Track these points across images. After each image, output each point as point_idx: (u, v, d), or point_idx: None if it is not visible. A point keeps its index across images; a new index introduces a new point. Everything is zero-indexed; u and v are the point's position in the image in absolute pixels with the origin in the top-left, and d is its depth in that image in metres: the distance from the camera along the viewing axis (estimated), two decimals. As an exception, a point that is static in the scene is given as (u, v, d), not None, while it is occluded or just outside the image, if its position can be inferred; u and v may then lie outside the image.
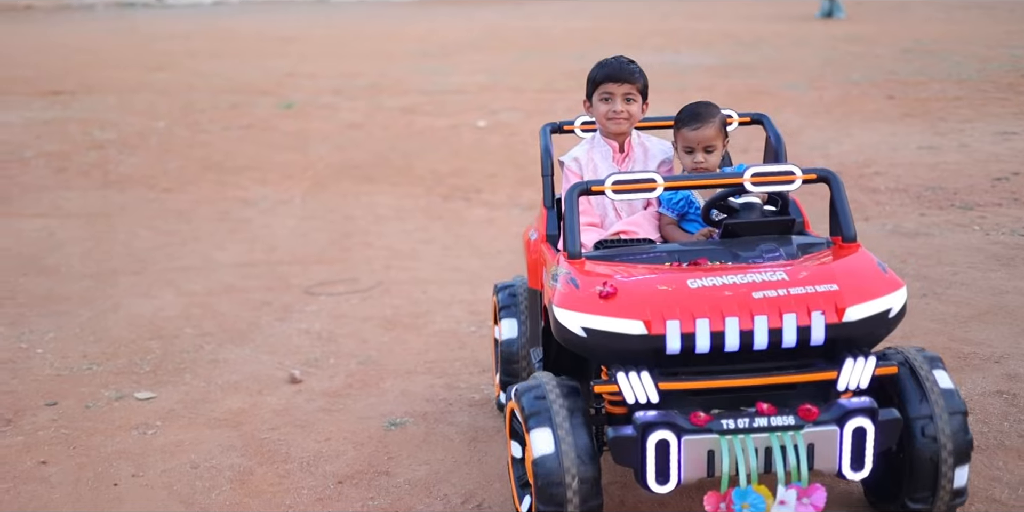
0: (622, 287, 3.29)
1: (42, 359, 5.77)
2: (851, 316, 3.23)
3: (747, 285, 3.27)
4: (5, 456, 4.62)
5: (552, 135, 4.55)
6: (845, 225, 3.68)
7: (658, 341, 3.19)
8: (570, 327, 3.31)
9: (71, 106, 14.76)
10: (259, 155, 11.27)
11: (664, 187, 3.64)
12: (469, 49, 20.27)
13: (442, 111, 13.39)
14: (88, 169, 10.86)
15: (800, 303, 3.22)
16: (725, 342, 3.19)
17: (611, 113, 4.24)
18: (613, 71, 4.26)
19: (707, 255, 3.61)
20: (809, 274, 3.32)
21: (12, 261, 7.70)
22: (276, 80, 16.84)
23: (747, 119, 4.70)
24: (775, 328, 3.19)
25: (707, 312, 3.19)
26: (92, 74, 18.09)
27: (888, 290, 3.34)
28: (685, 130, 4.13)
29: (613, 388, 3.25)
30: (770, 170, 3.63)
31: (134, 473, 4.44)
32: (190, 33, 26.36)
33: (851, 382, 3.26)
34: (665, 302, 3.22)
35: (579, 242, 3.62)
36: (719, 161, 4.17)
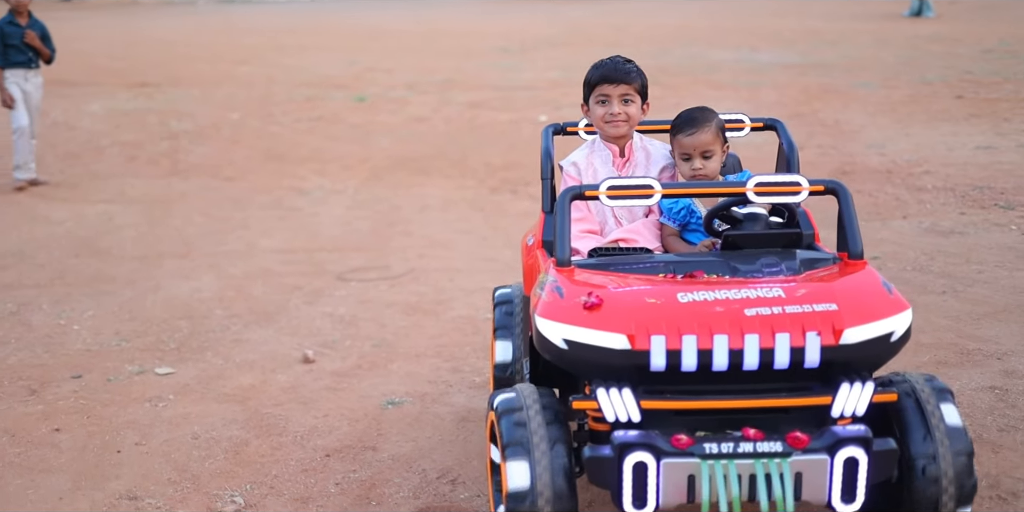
0: (608, 298, 3.14)
1: (76, 335, 6.06)
2: (849, 338, 3.04)
3: (740, 301, 3.10)
4: (23, 423, 4.90)
5: (556, 137, 4.44)
6: (852, 241, 3.48)
7: (642, 357, 3.02)
8: (551, 338, 3.17)
9: (155, 98, 15.22)
10: (322, 146, 11.56)
11: (662, 194, 3.48)
12: (548, 46, 20.41)
13: (508, 106, 13.56)
14: (158, 158, 11.24)
15: (795, 322, 3.04)
16: (713, 361, 3.02)
17: (608, 116, 4.06)
18: (608, 72, 4.07)
19: (704, 267, 3.46)
20: (807, 292, 3.15)
21: (68, 243, 8.05)
22: (355, 74, 17.16)
23: (760, 124, 4.48)
24: (767, 348, 3.02)
25: (695, 328, 3.02)
26: (181, 67, 18.60)
27: (891, 312, 3.15)
28: (680, 136, 3.98)
29: (593, 405, 3.09)
30: (775, 180, 3.43)
31: (138, 442, 4.68)
32: (283, 28, 26.89)
33: (846, 408, 3.08)
34: (651, 316, 3.06)
35: (569, 249, 3.47)
36: (719, 167, 4.02)
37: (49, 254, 7.74)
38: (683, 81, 14.96)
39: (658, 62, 17.10)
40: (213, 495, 4.20)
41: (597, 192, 3.47)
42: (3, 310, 6.49)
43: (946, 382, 4.85)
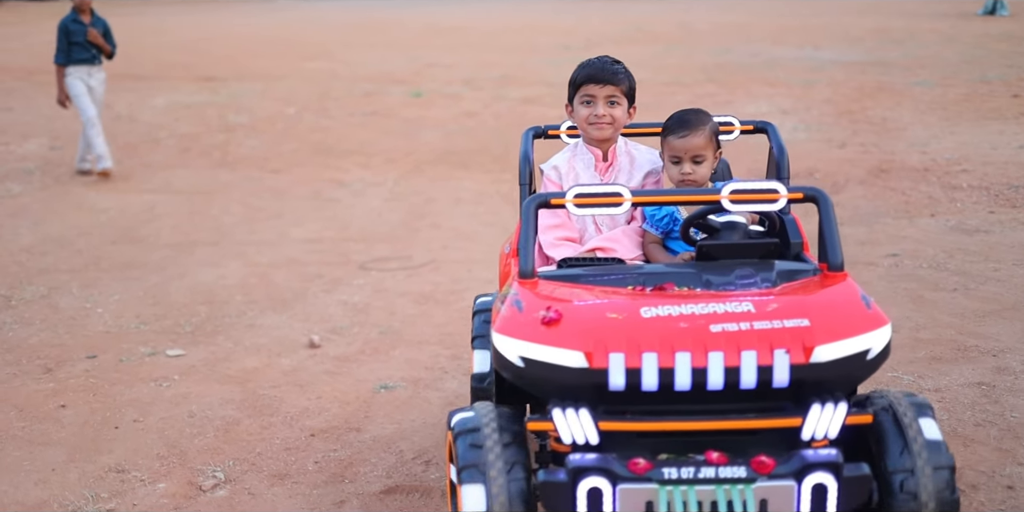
0: (567, 313, 3.00)
1: (99, 318, 6.29)
2: (820, 356, 2.88)
3: (706, 316, 2.94)
4: (33, 399, 5.12)
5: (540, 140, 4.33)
6: (832, 251, 3.27)
7: (600, 376, 2.86)
8: (508, 356, 3.02)
9: (218, 92, 15.54)
10: (371, 140, 11.75)
11: (631, 202, 3.30)
12: (612, 42, 20.44)
13: (560, 102, 13.56)
14: (210, 150, 11.51)
15: (763, 339, 2.88)
16: (675, 380, 2.86)
17: (593, 117, 3.94)
18: (595, 72, 3.95)
19: (674, 279, 3.30)
20: (779, 306, 2.99)
21: (109, 230, 8.32)
22: (416, 70, 17.36)
23: (750, 127, 4.33)
24: (732, 367, 2.85)
25: (655, 346, 2.87)
26: (248, 62, 18.94)
27: (868, 328, 2.98)
28: (672, 138, 3.83)
29: (549, 426, 2.96)
30: (751, 187, 3.26)
31: (136, 419, 4.88)
32: (355, 24, 27.22)
33: (817, 431, 2.91)
34: (610, 332, 2.91)
35: (532, 260, 3.31)
36: (708, 174, 3.87)
37: (88, 241, 8.01)
38: (739, 78, 14.93)
39: (717, 59, 17.09)
40: (196, 470, 4.37)
41: (563, 200, 3.30)
42: (35, 293, 6.75)
43: (935, 377, 4.94)
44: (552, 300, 3.12)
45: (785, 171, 4.04)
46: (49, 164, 10.95)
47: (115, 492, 4.20)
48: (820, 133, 11.13)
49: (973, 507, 3.86)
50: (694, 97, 13.58)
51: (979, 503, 3.89)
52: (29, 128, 12.91)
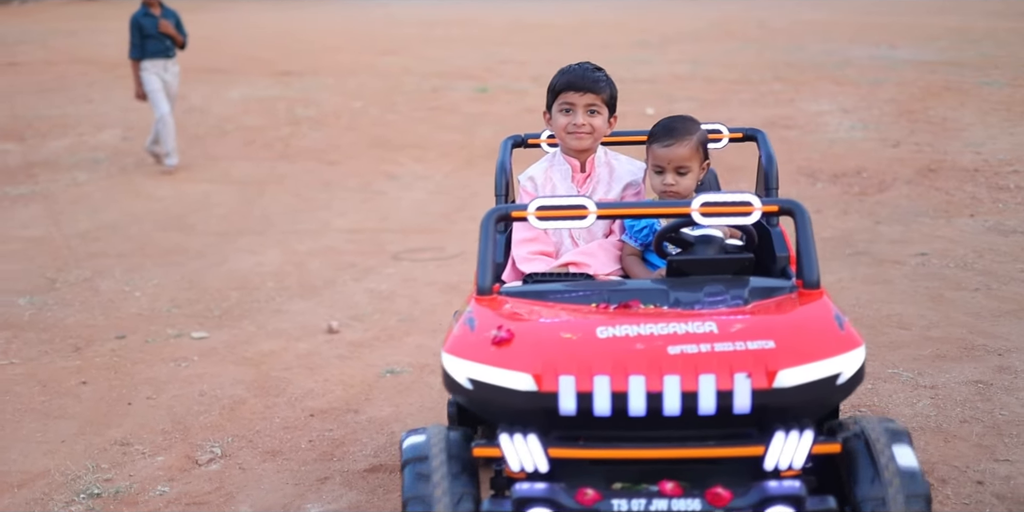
0: (519, 333, 2.85)
1: (135, 301, 6.54)
2: (784, 381, 2.69)
3: (665, 337, 2.78)
4: (57, 375, 5.37)
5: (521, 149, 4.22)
6: (808, 267, 3.10)
7: (549, 400, 2.71)
8: (456, 377, 2.86)
9: (291, 85, 15.86)
10: (429, 134, 11.93)
11: (597, 215, 3.15)
12: (688, 39, 20.42)
13: (622, 98, 13.60)
14: (274, 142, 11.79)
15: (723, 362, 2.70)
16: (629, 405, 2.70)
17: (571, 126, 3.80)
18: (575, 79, 3.80)
19: (640, 296, 3.16)
20: (744, 327, 2.82)
21: (159, 218, 8.61)
22: (488, 66, 17.52)
23: (739, 135, 4.22)
24: (689, 391, 2.68)
25: (608, 368, 2.71)
26: (326, 57, 19.27)
27: (838, 350, 2.78)
28: (656, 146, 3.70)
29: (496, 453, 2.80)
30: (723, 199, 3.10)
31: (149, 396, 5.10)
32: (438, 20, 27.47)
33: (781, 460, 2.73)
34: (561, 354, 2.75)
35: (490, 275, 3.15)
36: (693, 185, 3.73)
37: (139, 227, 8.30)
38: (808, 77, 14.85)
39: (790, 57, 16.99)
40: (196, 445, 4.57)
41: (525, 213, 3.15)
42: (80, 276, 7.03)
43: (934, 375, 4.96)
44: (508, 319, 2.95)
45: (773, 181, 3.92)
46: (118, 154, 11.32)
47: (115, 463, 4.41)
48: (877, 132, 11.06)
49: (938, 500, 3.89)
50: (757, 95, 13.56)
51: (944, 497, 3.92)
52: (105, 119, 13.33)
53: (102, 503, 4.07)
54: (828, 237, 7.47)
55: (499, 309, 3.06)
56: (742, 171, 8.79)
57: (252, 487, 4.18)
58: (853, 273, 6.63)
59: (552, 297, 3.21)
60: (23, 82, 16.69)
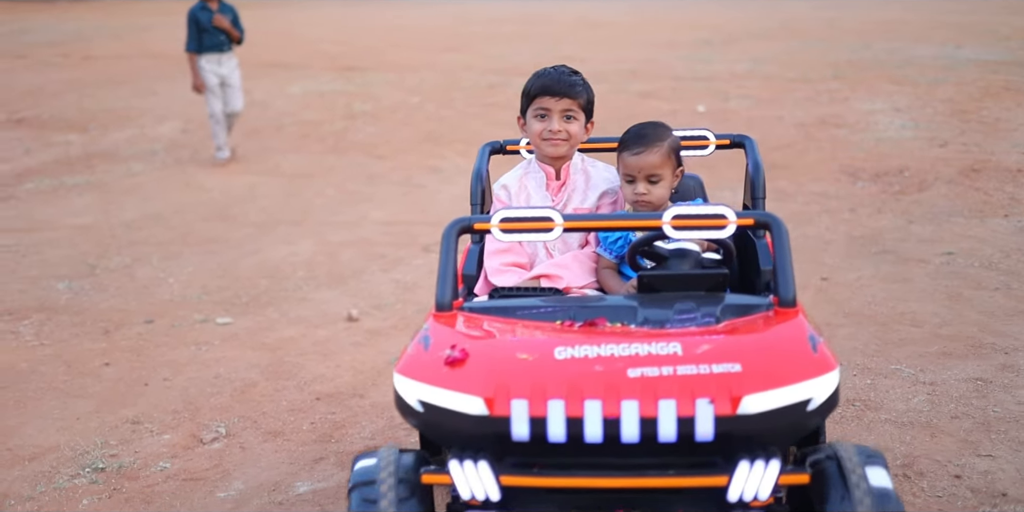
0: (473, 352, 2.72)
1: (168, 287, 6.75)
2: (749, 407, 2.54)
3: (625, 359, 2.63)
4: (83, 357, 5.59)
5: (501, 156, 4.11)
6: (784, 283, 2.95)
7: (502, 425, 2.57)
8: (407, 399, 2.73)
9: (352, 81, 16.08)
10: (480, 130, 12.06)
11: (564, 227, 3.03)
12: (752, 38, 20.33)
13: (676, 97, 13.73)
14: (327, 136, 12.00)
15: (684, 387, 2.55)
16: (585, 431, 2.55)
17: (547, 132, 3.67)
18: (550, 83, 3.67)
19: (608, 314, 3.00)
20: (710, 348, 2.67)
21: (204, 208, 8.84)
22: (547, 63, 17.52)
23: (727, 142, 4.09)
24: (648, 417, 2.53)
25: (563, 392, 2.56)
26: (391, 53, 19.49)
27: (809, 374, 2.63)
28: (625, 155, 3.59)
29: (445, 480, 2.66)
30: (696, 212, 2.97)
31: (166, 378, 5.29)
32: (507, 17, 27.59)
33: (746, 491, 2.57)
34: (514, 376, 2.61)
35: (450, 290, 3.03)
36: (666, 194, 3.62)
37: (183, 217, 8.54)
38: (868, 76, 14.74)
39: (852, 56, 16.86)
40: (203, 425, 4.75)
41: (488, 225, 3.04)
42: (119, 263, 7.27)
43: (936, 372, 5.01)
44: (464, 337, 2.82)
45: (760, 190, 3.82)
46: (174, 146, 11.60)
47: (124, 440, 4.60)
48: (926, 131, 10.97)
49: (911, 492, 3.94)
50: (813, 93, 13.50)
51: (919, 489, 3.97)
52: (167, 112, 13.65)
53: (105, 477, 4.26)
54: (857, 235, 7.49)
55: (457, 326, 2.92)
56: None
57: (249, 465, 4.34)
58: (875, 271, 6.64)
59: (516, 313, 3.05)
60: (94, 75, 17.12)
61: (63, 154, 11.29)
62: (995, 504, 3.84)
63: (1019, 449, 4.25)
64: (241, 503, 4.03)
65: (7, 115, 13.69)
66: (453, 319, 2.97)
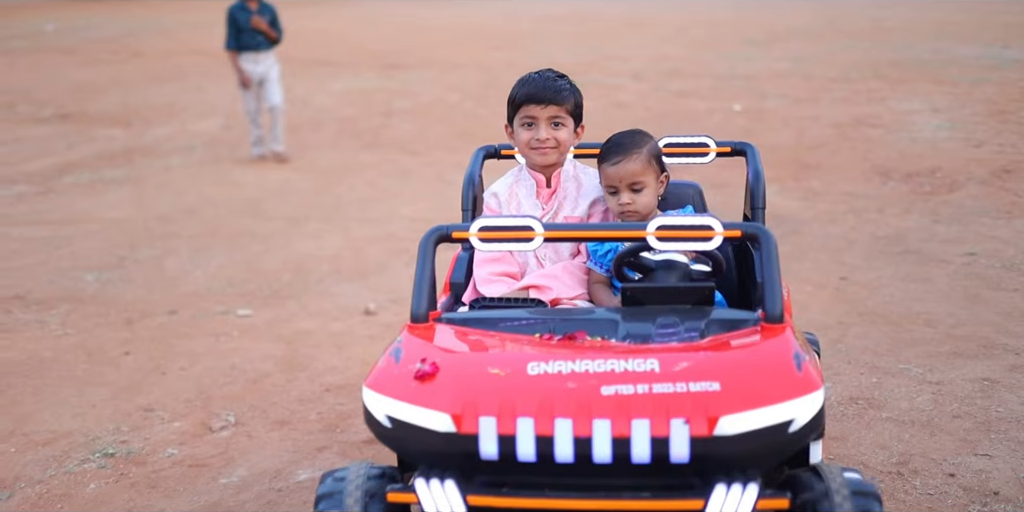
0: (444, 366, 2.64)
1: (195, 280, 6.88)
2: (726, 428, 2.44)
3: (600, 376, 2.54)
4: (104, 346, 5.72)
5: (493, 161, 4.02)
6: (770, 298, 2.82)
7: (469, 443, 2.49)
8: (375, 413, 2.64)
9: (394, 78, 16.22)
10: (515, 127, 12.11)
11: (544, 237, 2.93)
12: (797, 37, 20.24)
13: (714, 95, 13.73)
14: (363, 133, 12.13)
15: (659, 406, 2.46)
16: (555, 451, 2.47)
17: (534, 141, 3.55)
18: (535, 90, 3.52)
19: (588, 327, 2.92)
20: (689, 366, 2.56)
21: (237, 204, 8.98)
22: (589, 61, 17.65)
23: (727, 149, 3.94)
24: (621, 437, 2.44)
25: (533, 409, 2.48)
26: (436, 51, 19.61)
27: (792, 394, 2.52)
28: (605, 166, 3.47)
29: (411, 498, 2.59)
30: (681, 223, 2.87)
31: (183, 367, 5.40)
32: (556, 15, 27.63)
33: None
34: (483, 392, 2.53)
35: (426, 300, 2.96)
36: (652, 202, 3.50)
37: (215, 212, 8.69)
38: (908, 76, 14.65)
39: (896, 56, 16.75)
40: (214, 413, 4.85)
41: (467, 234, 2.95)
42: (148, 255, 7.42)
43: (944, 371, 5.02)
44: (437, 350, 2.73)
45: (760, 200, 3.70)
46: (214, 142, 11.78)
47: (135, 427, 4.71)
48: (962, 132, 10.90)
49: (903, 490, 3.95)
50: (851, 92, 13.45)
51: (911, 487, 3.98)
52: (210, 108, 13.85)
53: (113, 462, 4.37)
54: (882, 235, 7.48)
55: (431, 338, 2.83)
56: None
57: (254, 453, 4.43)
58: (895, 270, 6.64)
59: (495, 325, 2.95)
60: (142, 71, 17.39)
61: (104, 149, 11.49)
62: (985, 503, 3.85)
63: (1017, 449, 4.25)
64: (242, 489, 4.12)
65: (54, 110, 13.96)
66: (428, 331, 2.89)
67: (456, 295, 3.54)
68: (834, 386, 4.95)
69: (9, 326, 6.05)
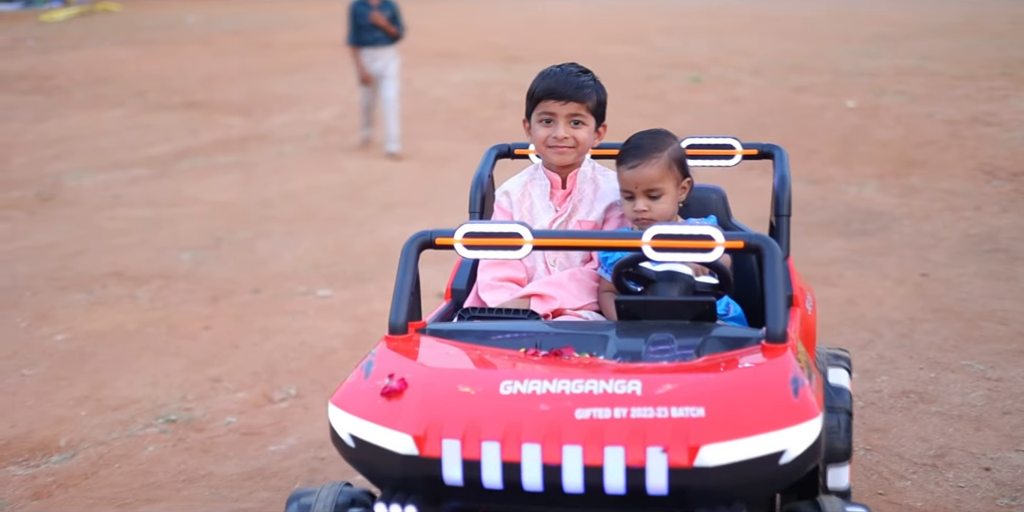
0: (412, 383, 2.47)
1: (283, 261, 7.13)
2: (708, 459, 2.24)
3: (576, 398, 2.35)
4: (187, 321, 5.98)
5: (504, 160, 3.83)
6: (773, 316, 2.58)
7: (432, 466, 2.33)
8: (339, 431, 2.50)
9: (512, 70, 16.37)
10: (620, 121, 12.07)
11: (533, 245, 2.72)
12: (929, 33, 19.79)
13: (830, 92, 13.55)
14: (473, 124, 12.31)
15: (635, 432, 2.27)
16: (523, 478, 2.30)
17: (552, 139, 3.34)
18: (555, 85, 3.31)
19: (577, 342, 2.74)
20: (673, 388, 2.36)
21: (337, 189, 9.24)
22: (713, 56, 17.56)
23: (754, 152, 3.69)
24: (593, 466, 2.26)
25: (499, 433, 2.30)
26: (557, 44, 19.71)
27: (784, 423, 2.31)
28: (622, 169, 3.25)
29: None
30: (679, 232, 2.62)
31: (256, 342, 5.63)
32: (686, 10, 27.48)
33: None
34: (450, 412, 2.36)
35: (405, 309, 2.80)
36: (671, 209, 3.25)
37: (315, 197, 8.95)
38: (992, 72, 14.32)
39: (1002, 54, 16.30)
40: (276, 386, 5.06)
41: (452, 240, 2.77)
42: (244, 237, 7.70)
43: (1007, 369, 5.00)
44: (409, 365, 2.56)
45: (785, 207, 3.45)
46: (328, 131, 12.09)
47: (201, 396, 4.94)
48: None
49: (934, 482, 3.94)
50: (973, 90, 13.14)
51: (943, 479, 3.96)
52: (329, 98, 14.19)
53: (174, 427, 4.60)
54: (973, 233, 7.36)
55: (406, 352, 2.66)
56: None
57: (307, 424, 4.62)
58: (979, 268, 6.54)
59: (480, 337, 2.79)
60: (269, 62, 17.88)
61: (222, 136, 11.89)
62: (1015, 497, 3.81)
63: (1062, 447, 4.19)
64: (288, 456, 4.30)
65: (182, 98, 14.46)
66: (406, 343, 2.72)
67: (457, 302, 3.37)
68: (889, 379, 4.93)
69: (103, 299, 6.35)
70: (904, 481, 3.97)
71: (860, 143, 10.54)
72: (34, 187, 9.48)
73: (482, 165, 3.68)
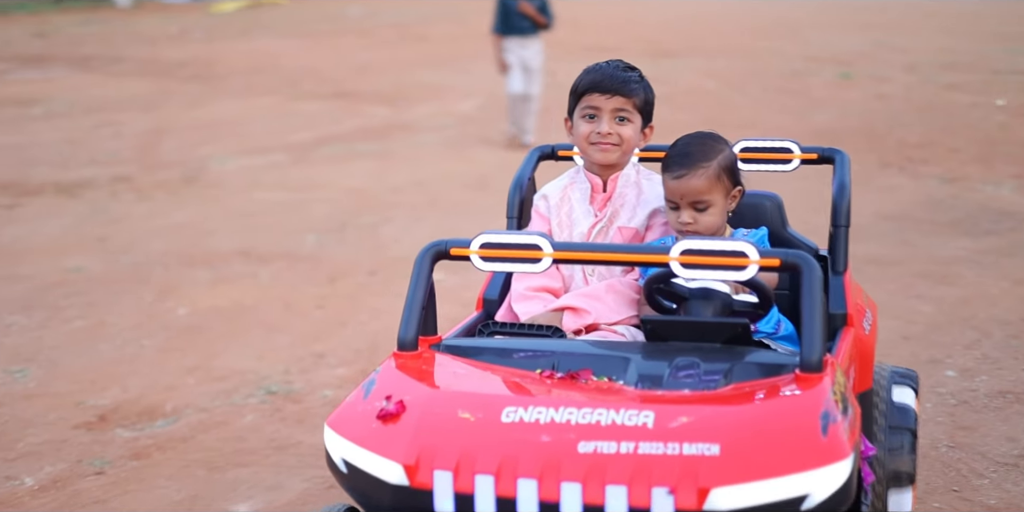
0: (411, 406, 2.33)
1: (401, 245, 7.32)
2: (719, 502, 2.06)
3: (580, 429, 2.19)
4: (301, 299, 6.24)
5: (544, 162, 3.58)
6: (809, 342, 2.36)
7: (423, 498, 2.20)
8: (333, 456, 2.37)
9: (660, 65, 16.24)
10: (760, 116, 12.04)
11: (553, 258, 2.51)
12: (1099, 31, 19.09)
13: (983, 90, 13.20)
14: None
15: (640, 470, 2.10)
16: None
17: (595, 135, 3.13)
18: (601, 79, 3.15)
19: (595, 365, 2.54)
20: (689, 422, 2.18)
21: (467, 178, 9.47)
22: (865, 52, 17.26)
23: (814, 156, 3.45)
24: (593, 505, 2.10)
25: (494, 466, 2.16)
26: (708, 39, 19.63)
27: (809, 464, 2.10)
28: (667, 177, 3.01)
29: None
30: (710, 248, 2.41)
31: (363, 321, 5.85)
32: (841, 5, 26.95)
33: None
34: (445, 441, 2.22)
35: (416, 323, 2.65)
36: (719, 222, 3.02)
37: (442, 185, 9.17)
38: None
39: None
40: (376, 364, 5.19)
41: (467, 251, 2.62)
42: (369, 221, 7.95)
43: None
44: (410, 386, 2.42)
45: (843, 217, 3.21)
46: (466, 121, 12.30)
47: (303, 370, 5.15)
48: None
49: (1011, 481, 3.89)
50: None
51: (1022, 479, 3.91)
52: (473, 89, 14.42)
53: (273, 398, 4.81)
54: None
55: (411, 371, 2.52)
56: None
57: (397, 400, 4.77)
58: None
59: (493, 356, 2.64)
60: (422, 54, 18.24)
61: (365, 124, 12.21)
62: (1093, 501, 3.74)
63: None
64: (373, 430, 4.46)
65: (332, 88, 14.87)
66: (413, 361, 2.58)
67: (489, 313, 3.20)
68: (989, 379, 4.86)
69: (227, 277, 6.65)
70: (982, 479, 3.93)
71: (1004, 142, 10.27)
72: (180, 170, 9.91)
73: (522, 167, 3.46)
